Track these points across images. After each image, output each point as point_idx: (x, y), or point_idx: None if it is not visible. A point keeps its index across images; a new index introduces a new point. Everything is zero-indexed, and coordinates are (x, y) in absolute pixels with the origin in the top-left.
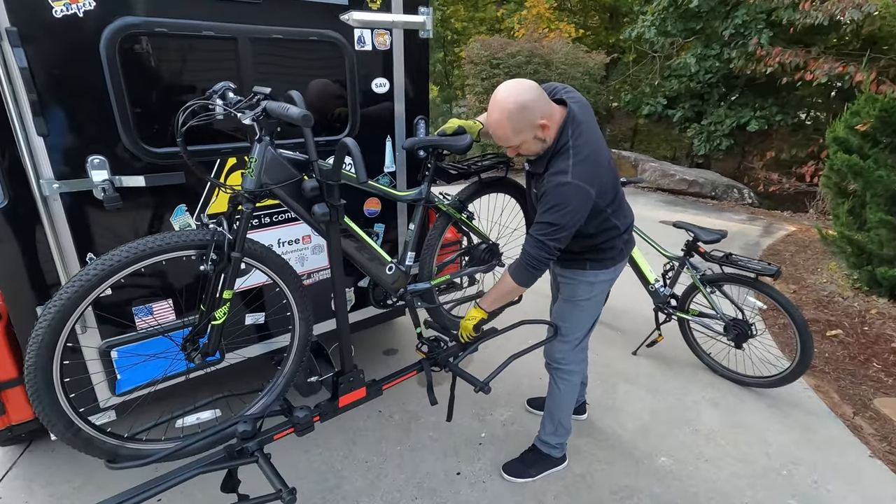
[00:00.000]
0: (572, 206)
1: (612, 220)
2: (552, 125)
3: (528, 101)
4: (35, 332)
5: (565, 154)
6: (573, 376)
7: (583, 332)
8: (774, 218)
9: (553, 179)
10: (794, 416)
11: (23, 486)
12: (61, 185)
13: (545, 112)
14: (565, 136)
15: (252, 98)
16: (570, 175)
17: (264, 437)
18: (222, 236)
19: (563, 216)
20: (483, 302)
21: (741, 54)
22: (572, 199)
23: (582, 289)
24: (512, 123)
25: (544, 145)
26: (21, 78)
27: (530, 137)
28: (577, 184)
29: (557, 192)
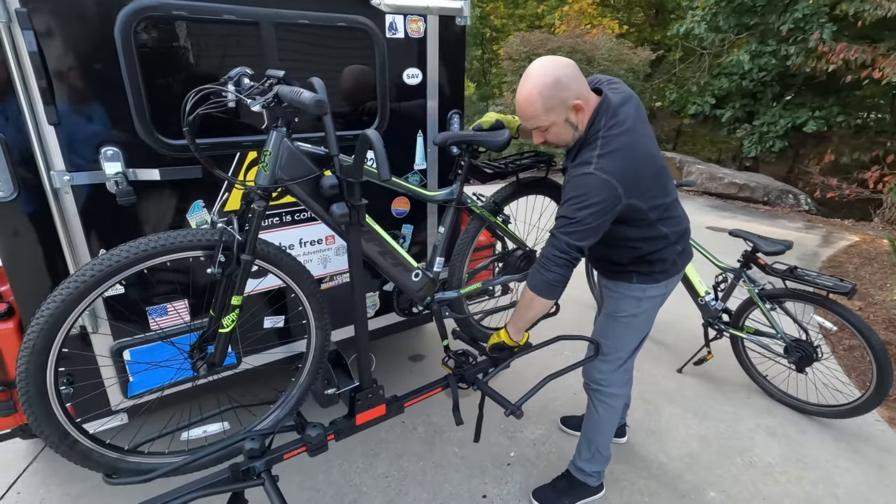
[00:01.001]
0: (592, 199)
1: (659, 227)
2: (587, 110)
3: (563, 77)
4: (28, 335)
5: (593, 144)
6: (615, 400)
7: (627, 352)
8: (834, 226)
9: (575, 170)
10: (865, 453)
11: (40, 483)
12: (73, 176)
13: (581, 93)
14: (596, 126)
15: (264, 83)
16: (594, 166)
17: (273, 456)
18: (231, 237)
19: (579, 209)
20: (511, 325)
21: (800, 51)
22: (592, 193)
23: (627, 304)
24: (543, 99)
25: (576, 134)
26: (31, 63)
27: (561, 119)
28: (600, 176)
29: (576, 183)
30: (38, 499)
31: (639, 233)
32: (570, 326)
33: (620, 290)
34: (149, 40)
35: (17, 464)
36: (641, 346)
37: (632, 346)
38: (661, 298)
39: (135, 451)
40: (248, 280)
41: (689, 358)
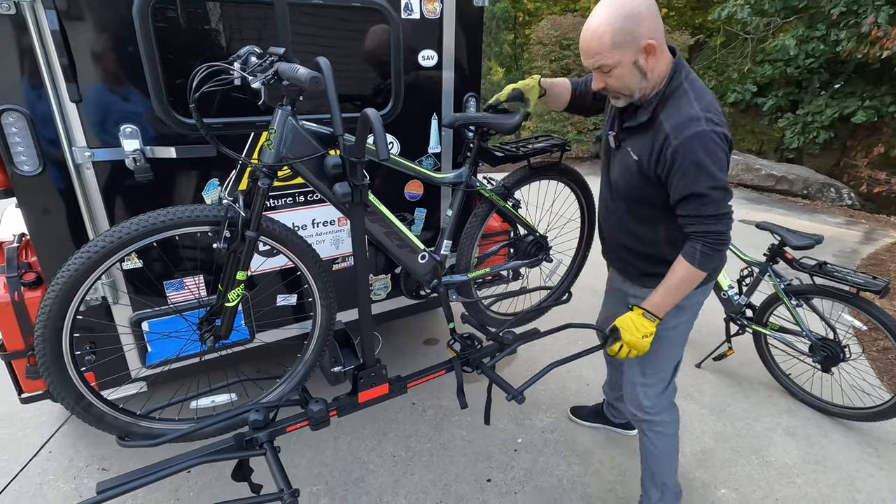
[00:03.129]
0: (721, 158)
1: None
2: (660, 58)
3: (641, 10)
4: (44, 302)
5: (683, 96)
6: (668, 427)
7: (670, 370)
8: (879, 223)
9: (681, 131)
10: (892, 459)
11: (70, 444)
12: (94, 153)
13: (657, 33)
14: (678, 79)
15: (265, 60)
16: (703, 121)
17: (276, 428)
18: (236, 213)
19: (720, 170)
20: (658, 307)
21: (852, 35)
22: (719, 150)
23: (669, 314)
24: (613, 32)
25: (643, 84)
26: (53, 41)
27: (629, 60)
28: (717, 130)
29: (697, 145)
30: (68, 458)
31: None
32: (585, 316)
33: (643, 293)
34: (166, 20)
35: (50, 426)
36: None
37: (674, 362)
38: (700, 306)
39: (146, 417)
40: (253, 256)
41: (709, 353)
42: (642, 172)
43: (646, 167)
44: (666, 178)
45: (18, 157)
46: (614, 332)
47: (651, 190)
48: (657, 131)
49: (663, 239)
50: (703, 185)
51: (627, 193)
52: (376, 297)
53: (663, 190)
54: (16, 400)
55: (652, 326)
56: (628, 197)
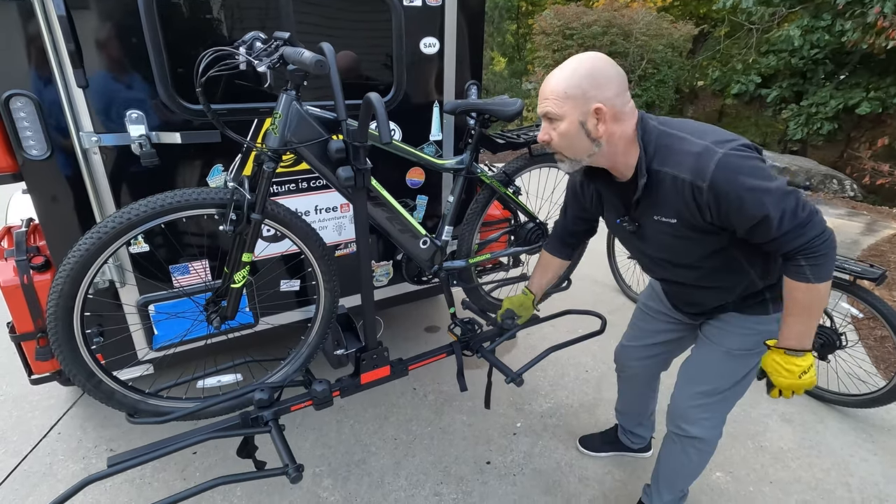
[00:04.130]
0: (761, 167)
1: None
2: (618, 127)
3: (603, 75)
4: (55, 281)
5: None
6: (712, 445)
7: (741, 393)
8: (880, 214)
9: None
10: (887, 445)
11: (78, 425)
12: (100, 138)
13: (614, 102)
14: (649, 132)
15: (270, 44)
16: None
17: (281, 407)
18: (242, 196)
19: (770, 179)
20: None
21: (857, 26)
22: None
23: (753, 339)
24: (568, 84)
25: (594, 150)
26: (60, 27)
27: (576, 117)
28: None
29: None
30: (76, 440)
31: None
32: (584, 303)
33: (749, 324)
34: (171, 6)
35: (59, 408)
36: None
37: (747, 387)
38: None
39: (155, 395)
40: (258, 239)
41: None
42: (693, 227)
43: (693, 220)
44: (720, 220)
45: (27, 141)
46: (765, 375)
47: (714, 238)
48: (674, 188)
49: (757, 274)
50: (766, 205)
51: (689, 258)
52: (378, 283)
53: (726, 231)
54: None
55: (806, 361)
56: (694, 259)
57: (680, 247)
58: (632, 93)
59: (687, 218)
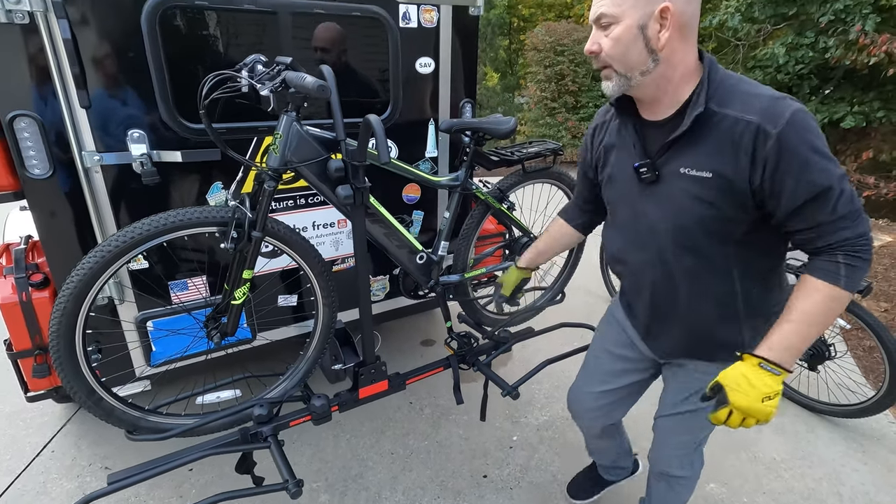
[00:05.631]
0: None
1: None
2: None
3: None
4: (58, 298)
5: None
6: (697, 475)
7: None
8: None
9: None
10: (877, 454)
11: (72, 443)
12: (102, 157)
13: (680, 5)
14: (718, 72)
15: (273, 68)
16: (790, 98)
17: (280, 422)
18: (243, 214)
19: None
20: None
21: (840, 43)
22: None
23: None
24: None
25: (647, 64)
26: (65, 50)
27: (635, 20)
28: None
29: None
30: (70, 458)
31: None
32: (578, 315)
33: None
34: (172, 28)
35: (53, 425)
36: None
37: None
38: None
39: (154, 412)
40: (258, 256)
41: None
42: (727, 189)
43: (734, 178)
44: (770, 184)
45: (30, 160)
46: (719, 391)
47: (736, 214)
48: (729, 130)
49: (739, 292)
50: (831, 175)
51: (693, 235)
52: (375, 297)
53: (754, 211)
54: (18, 400)
55: (777, 384)
56: (697, 238)
57: (693, 215)
58: None
59: (727, 175)
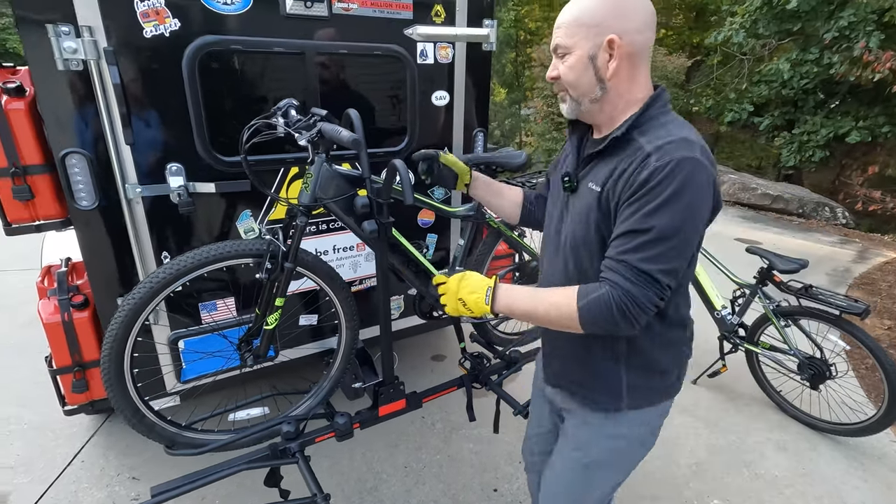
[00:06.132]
0: (695, 198)
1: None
2: (628, 75)
3: (629, 7)
4: (111, 326)
5: (669, 123)
6: None
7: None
8: (872, 242)
9: (669, 152)
10: (877, 472)
11: (101, 454)
12: (143, 189)
13: (633, 39)
14: (658, 108)
15: (309, 119)
16: (700, 150)
17: (306, 438)
18: (277, 247)
19: (683, 217)
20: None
21: (844, 59)
22: (697, 191)
23: (603, 443)
24: (583, 8)
25: (596, 92)
26: (114, 93)
27: (586, 51)
28: (708, 167)
29: (685, 174)
30: (99, 468)
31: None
32: None
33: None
34: (209, 70)
35: (81, 437)
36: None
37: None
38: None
39: (190, 428)
40: (290, 284)
41: (705, 370)
42: (599, 207)
43: (604, 197)
44: (617, 207)
45: (79, 193)
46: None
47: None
48: (631, 153)
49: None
50: (661, 220)
51: (575, 245)
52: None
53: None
54: (48, 411)
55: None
56: (582, 251)
57: (583, 228)
58: None
59: (606, 189)
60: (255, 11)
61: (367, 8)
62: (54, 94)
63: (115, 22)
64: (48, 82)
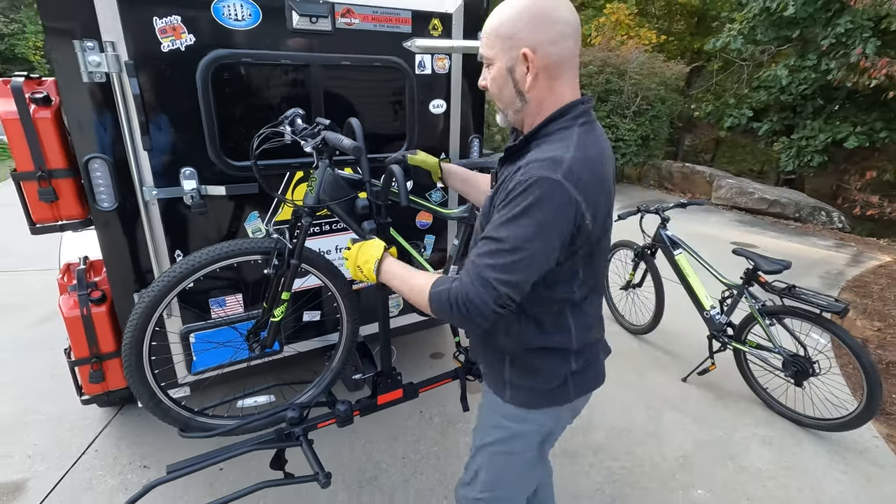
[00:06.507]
0: (552, 225)
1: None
2: (545, 86)
3: (549, 17)
4: (132, 316)
5: (564, 141)
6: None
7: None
8: (867, 245)
9: (533, 167)
10: (857, 466)
11: (113, 444)
12: (159, 191)
13: (542, 48)
14: (565, 121)
15: (314, 128)
16: (563, 171)
17: (309, 424)
18: (284, 245)
19: (534, 235)
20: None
21: (841, 65)
22: (552, 211)
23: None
24: (503, 19)
25: (517, 106)
26: (134, 103)
27: (504, 63)
28: (569, 189)
29: (534, 187)
30: (112, 456)
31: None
32: None
33: (491, 400)
34: (221, 81)
35: (94, 427)
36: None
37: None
38: (548, 436)
39: (202, 413)
40: (295, 280)
41: (694, 368)
42: (489, 209)
43: (492, 200)
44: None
45: (100, 195)
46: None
47: None
48: (518, 164)
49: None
50: (512, 232)
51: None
52: (390, 314)
53: None
54: (63, 402)
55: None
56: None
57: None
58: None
59: (494, 195)
60: (263, 27)
61: (369, 22)
62: (79, 104)
63: (136, 37)
64: (74, 93)
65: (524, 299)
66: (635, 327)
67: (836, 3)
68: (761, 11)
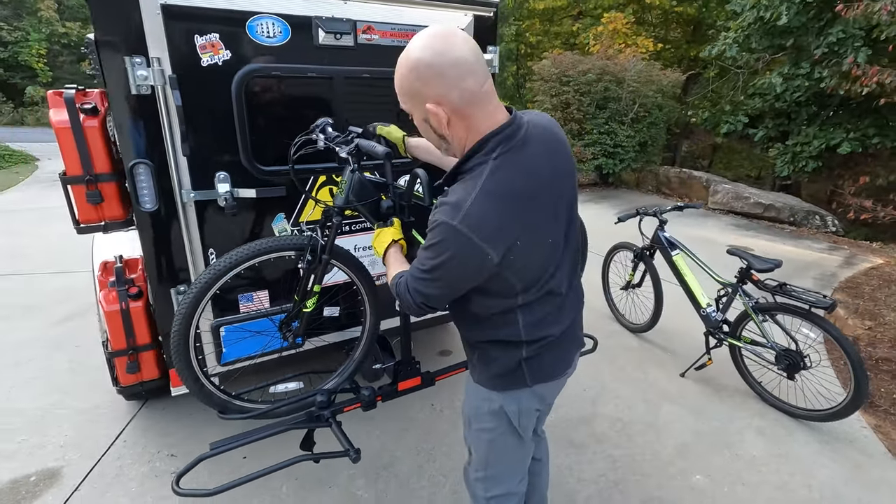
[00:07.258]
0: (454, 260)
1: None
2: (461, 126)
3: (428, 63)
4: (180, 306)
5: (475, 180)
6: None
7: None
8: (860, 248)
9: (441, 210)
10: (846, 454)
11: (140, 434)
12: (196, 194)
13: (444, 98)
14: (483, 156)
15: (347, 135)
16: (460, 217)
17: (337, 407)
18: (316, 241)
19: (440, 265)
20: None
21: (833, 73)
22: (453, 249)
23: (475, 405)
24: (400, 77)
25: (444, 146)
26: (177, 113)
27: (419, 117)
28: (465, 233)
29: (438, 230)
30: (140, 446)
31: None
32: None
33: (468, 384)
34: (253, 92)
35: (120, 420)
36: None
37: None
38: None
39: (239, 397)
40: (325, 274)
41: (692, 363)
42: None
43: None
44: None
45: (143, 198)
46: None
47: None
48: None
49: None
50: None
51: None
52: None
53: None
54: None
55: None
56: None
57: None
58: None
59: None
60: (292, 43)
61: (388, 38)
62: (127, 114)
63: (179, 53)
64: (122, 104)
65: (471, 304)
66: (635, 326)
67: (829, 13)
68: (755, 20)
